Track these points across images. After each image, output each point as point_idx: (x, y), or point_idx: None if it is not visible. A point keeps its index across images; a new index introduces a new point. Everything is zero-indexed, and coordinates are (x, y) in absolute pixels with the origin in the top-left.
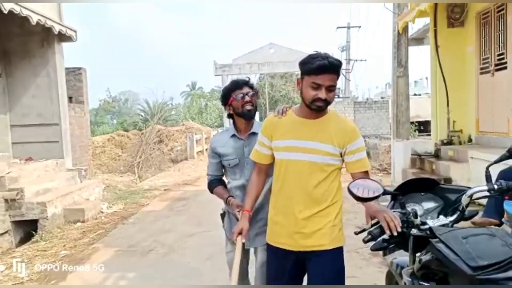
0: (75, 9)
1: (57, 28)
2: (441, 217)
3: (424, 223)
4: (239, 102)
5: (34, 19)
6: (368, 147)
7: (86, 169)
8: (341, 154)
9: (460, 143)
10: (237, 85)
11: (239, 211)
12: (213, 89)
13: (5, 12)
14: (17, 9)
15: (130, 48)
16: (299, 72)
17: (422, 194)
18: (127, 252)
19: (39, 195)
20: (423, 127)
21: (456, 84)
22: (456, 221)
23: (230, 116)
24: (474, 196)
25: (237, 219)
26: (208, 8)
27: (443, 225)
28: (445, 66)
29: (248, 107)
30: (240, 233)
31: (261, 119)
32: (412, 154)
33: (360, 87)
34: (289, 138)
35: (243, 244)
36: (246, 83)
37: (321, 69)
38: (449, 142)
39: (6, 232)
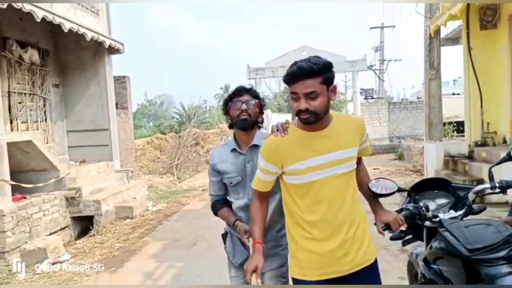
0: (115, 19)
1: (107, 42)
2: (452, 211)
3: (435, 216)
4: (236, 111)
5: (89, 35)
6: (402, 148)
7: (132, 171)
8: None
9: (494, 145)
10: (237, 92)
11: (247, 238)
12: None
13: (65, 30)
14: (75, 27)
15: (165, 53)
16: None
17: (436, 191)
18: (173, 245)
19: (93, 194)
20: (462, 127)
21: (490, 85)
22: (465, 214)
23: (230, 126)
24: (480, 194)
25: (242, 244)
26: (241, 11)
27: (453, 218)
28: (478, 68)
29: (244, 116)
30: (254, 271)
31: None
32: (445, 156)
33: (395, 87)
34: (309, 157)
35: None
36: (247, 90)
37: (291, 77)
38: (483, 144)
39: (67, 227)
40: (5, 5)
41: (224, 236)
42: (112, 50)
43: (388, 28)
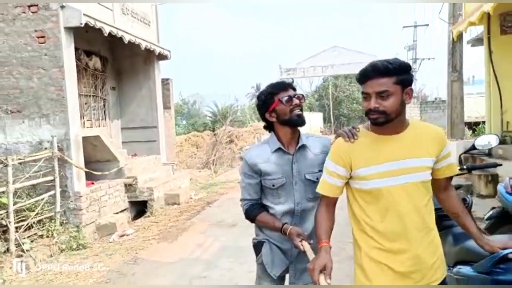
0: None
1: (157, 50)
2: None
3: None
4: (287, 106)
5: (143, 45)
6: None
7: (176, 164)
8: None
9: None
10: (282, 86)
11: (301, 241)
12: None
13: (126, 41)
14: (133, 39)
15: (198, 53)
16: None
17: None
18: (217, 225)
19: (146, 182)
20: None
21: (509, 87)
22: None
23: (268, 127)
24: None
25: (283, 253)
26: (274, 12)
27: None
28: (498, 70)
29: (298, 111)
30: (321, 271)
31: (324, 120)
32: (464, 152)
33: (428, 86)
34: (378, 162)
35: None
36: (291, 85)
37: (364, 75)
38: (502, 142)
39: (126, 209)
40: (83, 24)
41: (257, 246)
42: (161, 57)
43: (422, 26)
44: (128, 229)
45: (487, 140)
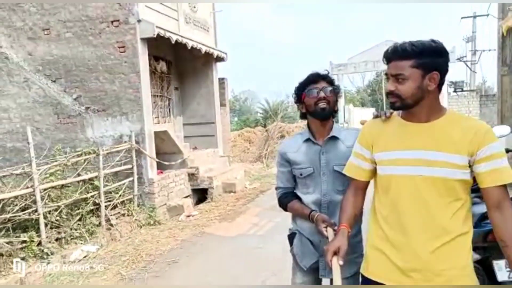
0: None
1: (215, 53)
2: None
3: None
4: (312, 99)
5: (203, 49)
6: None
7: (232, 156)
8: (469, 164)
9: None
10: (312, 78)
11: (325, 227)
12: None
13: (189, 47)
14: (195, 45)
15: (249, 50)
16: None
17: None
18: (270, 209)
19: (206, 172)
20: None
21: None
22: None
23: (303, 116)
24: None
25: (313, 245)
26: (324, 8)
27: None
28: None
29: (322, 104)
30: (335, 253)
31: (377, 116)
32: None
33: (489, 79)
34: (397, 148)
35: (339, 267)
36: (323, 77)
37: (386, 57)
38: None
39: (189, 195)
40: (155, 35)
41: (291, 237)
42: (218, 59)
43: (481, 17)
44: (193, 211)
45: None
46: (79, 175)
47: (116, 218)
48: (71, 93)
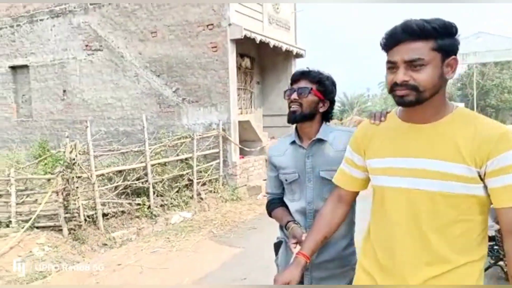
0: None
1: (295, 51)
2: None
3: None
4: (287, 101)
5: (284, 47)
6: None
7: None
8: (480, 177)
9: None
10: (293, 77)
11: (294, 244)
12: None
13: (271, 46)
14: (277, 43)
15: (326, 43)
16: None
17: None
18: None
19: None
20: None
21: None
22: None
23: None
24: None
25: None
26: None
27: None
28: None
29: (293, 107)
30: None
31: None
32: None
33: None
34: (390, 155)
35: None
36: (304, 75)
37: (391, 38)
38: None
39: (265, 179)
40: (243, 36)
41: (277, 245)
42: (297, 55)
43: None
44: None
45: None
46: (177, 155)
47: (205, 193)
48: (171, 86)
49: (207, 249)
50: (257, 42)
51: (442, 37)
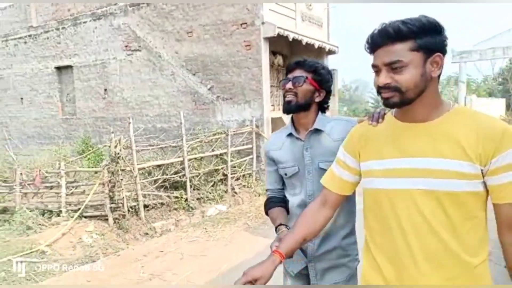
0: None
1: (327, 47)
2: None
3: None
4: (283, 91)
5: (316, 44)
6: None
7: None
8: (483, 173)
9: None
10: (287, 67)
11: (276, 247)
12: (449, 76)
13: (304, 43)
14: (310, 41)
15: (359, 37)
16: None
17: None
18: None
19: None
20: None
21: None
22: None
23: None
24: None
25: (302, 250)
26: None
27: None
28: None
29: (288, 97)
30: (252, 282)
31: (508, 107)
32: None
33: None
34: (390, 156)
35: None
36: (300, 65)
37: (371, 43)
38: None
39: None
40: (276, 34)
41: None
42: (330, 52)
43: None
44: None
45: None
46: (213, 150)
47: (239, 188)
48: (206, 84)
49: (242, 239)
50: (290, 39)
51: (420, 36)
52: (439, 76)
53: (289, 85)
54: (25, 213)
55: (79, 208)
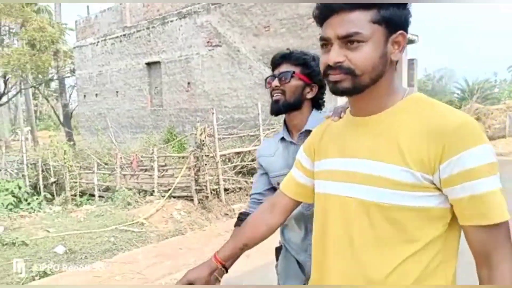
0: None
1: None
2: None
3: None
4: (269, 90)
5: None
6: None
7: None
8: (435, 184)
9: None
10: (272, 63)
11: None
12: None
13: None
14: None
15: (448, 26)
16: None
17: None
18: None
19: None
20: None
21: None
22: None
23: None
24: None
25: (299, 264)
26: None
27: None
28: None
29: (276, 96)
30: (190, 283)
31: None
32: None
33: None
34: (332, 155)
35: None
36: (286, 58)
37: (324, 8)
38: None
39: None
40: None
41: (278, 250)
42: (409, 41)
43: None
44: None
45: None
46: None
47: None
48: None
49: None
50: None
51: (385, 6)
52: (397, 62)
53: (275, 82)
54: (124, 191)
55: (169, 189)
